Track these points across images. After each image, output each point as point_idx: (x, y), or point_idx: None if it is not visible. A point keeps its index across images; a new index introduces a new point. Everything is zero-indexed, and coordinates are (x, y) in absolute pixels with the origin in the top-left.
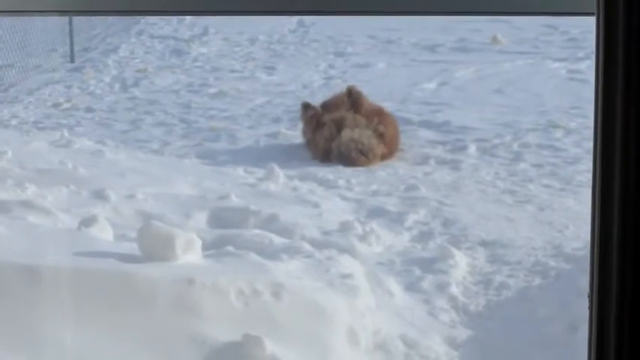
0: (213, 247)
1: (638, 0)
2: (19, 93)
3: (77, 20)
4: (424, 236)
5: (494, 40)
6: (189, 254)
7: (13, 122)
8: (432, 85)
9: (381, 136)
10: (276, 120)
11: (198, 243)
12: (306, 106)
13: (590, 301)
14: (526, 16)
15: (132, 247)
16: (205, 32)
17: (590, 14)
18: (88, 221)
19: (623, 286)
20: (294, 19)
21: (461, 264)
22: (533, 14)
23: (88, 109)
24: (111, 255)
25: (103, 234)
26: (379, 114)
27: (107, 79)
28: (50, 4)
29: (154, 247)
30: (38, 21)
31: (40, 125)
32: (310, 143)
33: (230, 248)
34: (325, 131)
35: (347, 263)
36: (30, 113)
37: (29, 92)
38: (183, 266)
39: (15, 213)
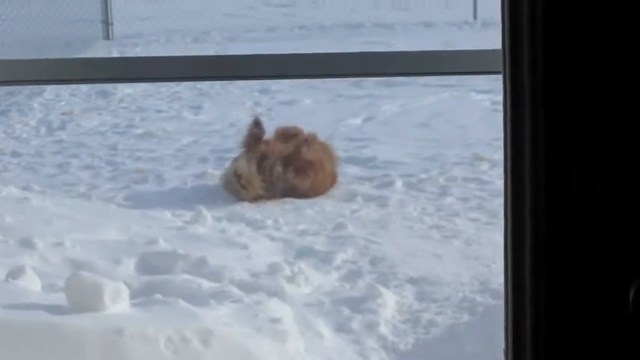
0: (142, 295)
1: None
2: None
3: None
4: (353, 275)
5: None
6: (118, 304)
7: None
8: (358, 121)
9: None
10: (203, 160)
11: (126, 292)
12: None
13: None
14: (440, 75)
15: (60, 298)
16: None
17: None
18: (15, 272)
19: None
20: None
21: (389, 302)
22: (446, 74)
23: (15, 154)
24: (39, 307)
25: (31, 285)
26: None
27: (33, 123)
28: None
29: (82, 297)
30: None
31: None
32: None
33: (158, 296)
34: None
35: (275, 307)
36: None
37: None
38: (111, 316)
39: None
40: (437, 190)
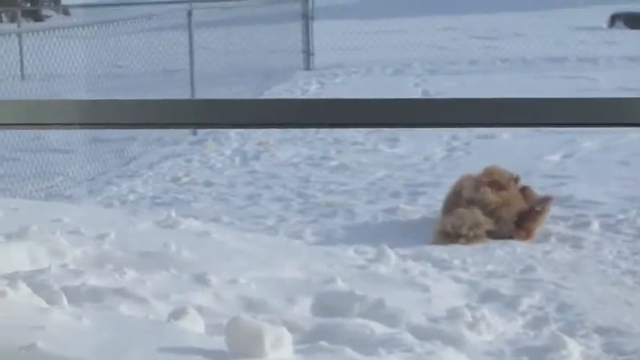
0: (309, 341)
1: None
2: (140, 167)
3: (200, 92)
4: (538, 322)
5: None
6: (279, 350)
7: (131, 197)
8: (557, 157)
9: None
10: (396, 194)
11: (289, 338)
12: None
13: None
14: (588, 127)
15: (222, 342)
16: None
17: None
18: (178, 313)
19: None
20: (420, 89)
21: (574, 353)
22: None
23: (207, 184)
24: (197, 351)
25: (194, 326)
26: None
27: (228, 152)
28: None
29: (242, 343)
30: (163, 95)
31: (158, 200)
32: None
33: (324, 343)
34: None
35: (450, 357)
36: (149, 188)
37: (149, 166)
38: None
39: (107, 302)
40: (634, 232)
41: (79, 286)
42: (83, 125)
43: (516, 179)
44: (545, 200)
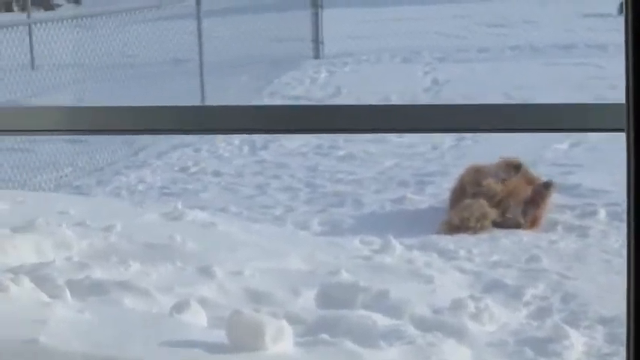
0: (311, 333)
1: None
2: (148, 157)
3: (209, 82)
4: (542, 313)
5: None
6: (280, 343)
7: (140, 188)
8: (564, 146)
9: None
10: (403, 183)
11: (289, 331)
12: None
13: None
14: (556, 132)
15: (223, 335)
16: (338, 92)
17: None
18: (180, 306)
19: None
20: (429, 77)
21: (577, 344)
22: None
23: (216, 173)
24: (198, 344)
25: (196, 319)
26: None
27: (237, 142)
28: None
29: (243, 336)
30: (172, 85)
31: (166, 191)
32: None
33: (325, 336)
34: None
35: (450, 350)
36: (157, 178)
37: (158, 156)
38: (272, 357)
39: (110, 295)
40: None
41: (83, 279)
42: (63, 132)
43: (516, 167)
44: (547, 185)
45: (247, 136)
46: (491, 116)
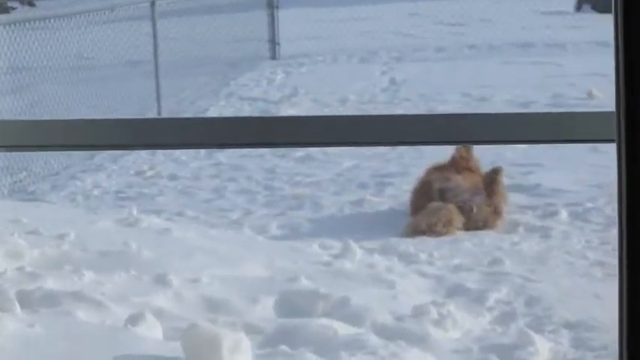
0: (270, 344)
1: None
2: (104, 161)
3: (166, 83)
4: (506, 318)
5: (590, 94)
6: (238, 356)
7: (95, 192)
8: (523, 145)
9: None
10: (362, 185)
11: (247, 344)
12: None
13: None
14: (547, 144)
15: (179, 348)
16: (295, 93)
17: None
18: (135, 318)
19: None
20: (386, 77)
21: (542, 351)
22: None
23: (172, 177)
24: (154, 359)
25: (151, 331)
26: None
27: None
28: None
29: (200, 350)
30: (129, 86)
31: (122, 195)
32: None
33: (284, 347)
34: None
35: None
36: (112, 182)
37: (114, 160)
38: None
39: (63, 307)
40: (603, 220)
41: (35, 290)
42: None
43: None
44: (496, 171)
45: None
46: (467, 126)
